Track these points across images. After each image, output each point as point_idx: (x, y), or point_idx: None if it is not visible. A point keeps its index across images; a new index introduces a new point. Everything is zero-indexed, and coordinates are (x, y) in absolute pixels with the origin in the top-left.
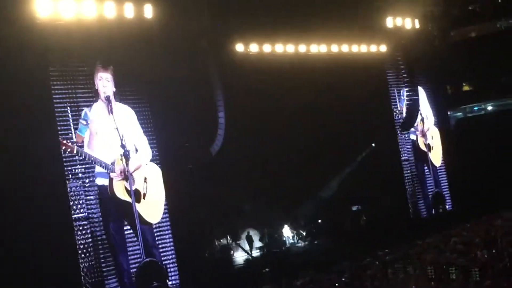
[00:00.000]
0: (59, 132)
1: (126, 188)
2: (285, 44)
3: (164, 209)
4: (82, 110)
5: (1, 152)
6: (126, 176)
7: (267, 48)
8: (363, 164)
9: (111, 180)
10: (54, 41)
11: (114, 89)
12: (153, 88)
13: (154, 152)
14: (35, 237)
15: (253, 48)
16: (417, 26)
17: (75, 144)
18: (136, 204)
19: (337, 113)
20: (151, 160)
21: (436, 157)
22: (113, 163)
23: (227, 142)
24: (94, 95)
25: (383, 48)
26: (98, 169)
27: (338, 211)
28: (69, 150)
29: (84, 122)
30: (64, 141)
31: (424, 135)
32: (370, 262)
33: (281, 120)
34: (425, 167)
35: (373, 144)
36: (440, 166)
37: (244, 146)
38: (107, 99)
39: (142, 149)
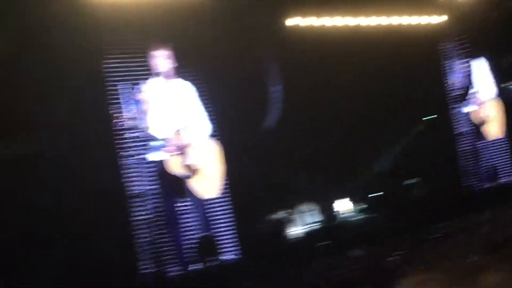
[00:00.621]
0: (114, 108)
1: (181, 163)
2: (335, 17)
3: (220, 183)
4: (138, 85)
5: (55, 130)
6: (182, 151)
7: (318, 21)
8: (417, 137)
9: (166, 155)
10: (110, 18)
11: (171, 65)
12: (208, 64)
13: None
14: (91, 215)
15: (304, 21)
16: None
17: (131, 119)
18: (192, 179)
19: (390, 86)
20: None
21: (494, 129)
22: (168, 138)
23: (282, 116)
24: (150, 71)
25: (437, 19)
26: (153, 143)
27: (393, 185)
28: (124, 124)
29: (140, 97)
30: (119, 115)
31: (480, 107)
32: (425, 236)
33: (333, 94)
34: (481, 140)
35: (427, 117)
36: (498, 139)
37: (298, 121)
38: (164, 74)
39: (199, 124)
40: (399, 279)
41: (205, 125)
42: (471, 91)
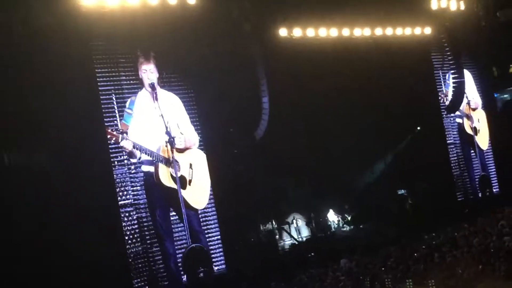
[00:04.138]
0: (105, 120)
1: (171, 174)
2: (328, 28)
3: (209, 194)
4: (127, 98)
5: (47, 140)
6: (172, 162)
7: (310, 32)
8: (408, 147)
9: (156, 167)
10: (99, 29)
11: (158, 75)
12: (197, 74)
13: (199, 138)
14: (82, 223)
15: (297, 32)
16: (462, 7)
17: (120, 133)
18: (182, 190)
19: (382, 96)
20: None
21: (483, 140)
22: (158, 150)
23: (271, 127)
24: (138, 83)
25: (427, 30)
26: (144, 156)
27: (384, 195)
28: (114, 139)
29: (129, 111)
30: (109, 130)
31: (470, 118)
32: (416, 246)
33: (324, 105)
34: (472, 151)
35: (419, 128)
36: (487, 149)
37: (288, 131)
38: (152, 86)
39: (189, 135)
40: None
41: (194, 137)
42: (462, 101)
